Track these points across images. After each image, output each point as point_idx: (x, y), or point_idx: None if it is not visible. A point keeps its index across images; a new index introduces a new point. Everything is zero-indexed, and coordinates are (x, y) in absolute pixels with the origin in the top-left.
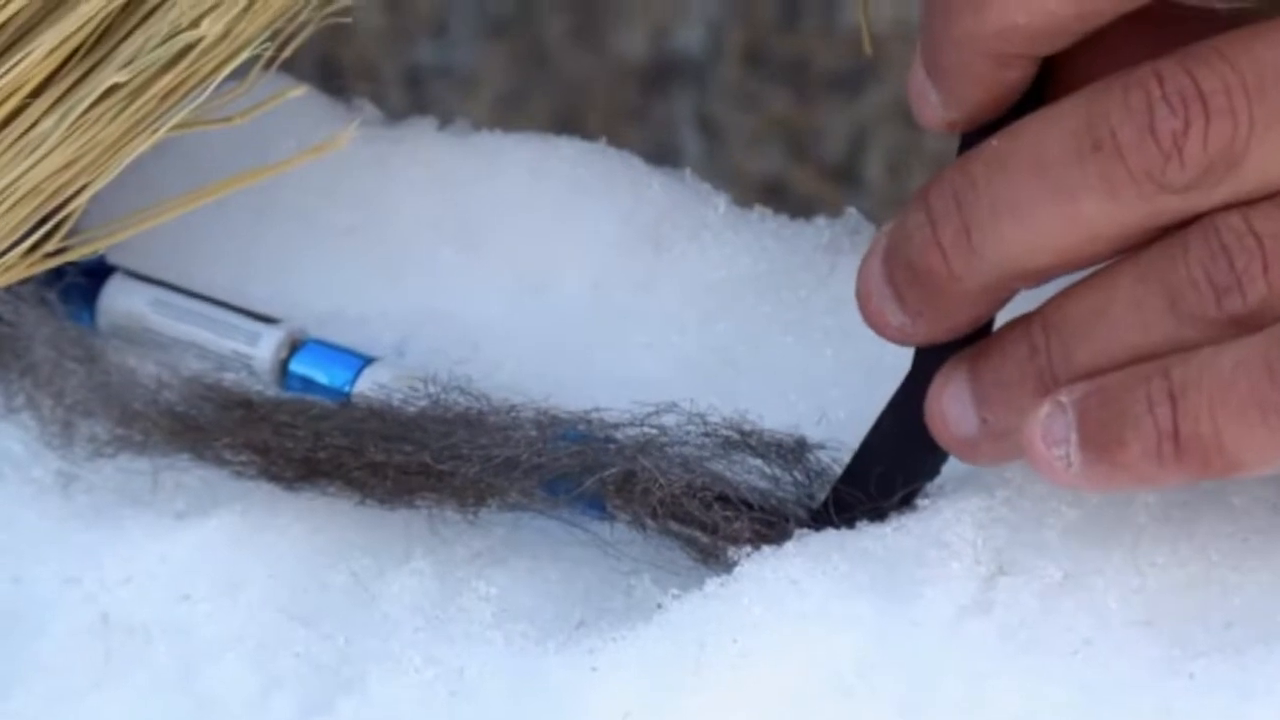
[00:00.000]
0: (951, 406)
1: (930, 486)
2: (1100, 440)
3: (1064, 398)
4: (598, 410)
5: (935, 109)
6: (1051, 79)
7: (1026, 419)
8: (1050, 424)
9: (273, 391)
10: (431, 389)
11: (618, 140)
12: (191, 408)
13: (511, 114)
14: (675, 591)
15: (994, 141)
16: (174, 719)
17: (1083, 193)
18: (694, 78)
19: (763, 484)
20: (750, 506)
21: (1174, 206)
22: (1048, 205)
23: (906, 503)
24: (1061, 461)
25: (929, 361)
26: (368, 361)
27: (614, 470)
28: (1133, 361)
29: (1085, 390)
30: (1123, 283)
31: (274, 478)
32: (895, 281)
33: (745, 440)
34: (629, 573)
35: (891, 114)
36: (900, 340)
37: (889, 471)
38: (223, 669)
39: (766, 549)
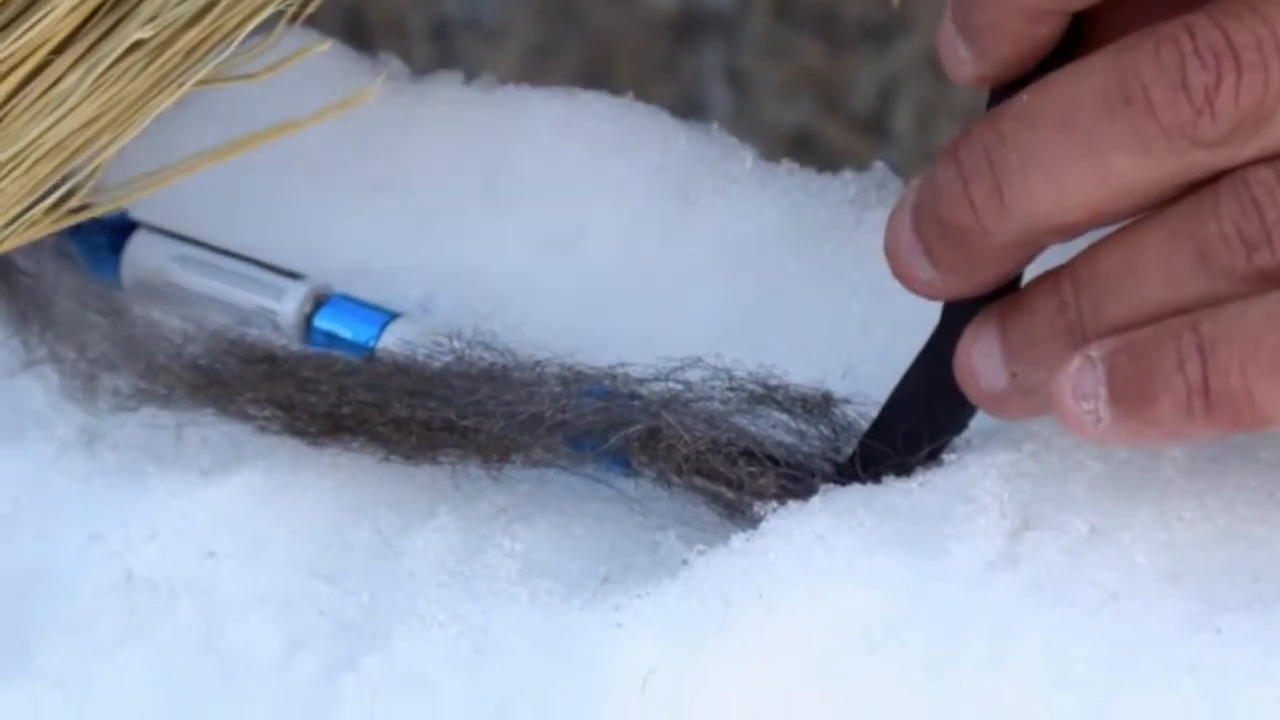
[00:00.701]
0: (981, 361)
1: (956, 441)
2: (1130, 395)
3: (1094, 353)
4: (623, 365)
5: (965, 64)
6: (1081, 34)
7: (1056, 374)
8: (1080, 378)
9: (297, 347)
10: (456, 345)
11: (646, 93)
12: (215, 362)
13: (539, 67)
14: (701, 547)
15: (1024, 97)
16: (198, 676)
17: (1113, 148)
18: (723, 30)
19: (788, 439)
20: (776, 462)
21: (1205, 161)
22: (1078, 161)
23: (933, 457)
24: (1090, 416)
25: (957, 316)
26: (392, 317)
27: (639, 427)
28: (1163, 316)
29: (1115, 345)
30: (1152, 238)
31: (298, 433)
32: (925, 237)
33: (771, 395)
34: (654, 529)
35: (920, 66)
36: (929, 295)
37: (915, 426)
38: (247, 626)
39: (792, 505)
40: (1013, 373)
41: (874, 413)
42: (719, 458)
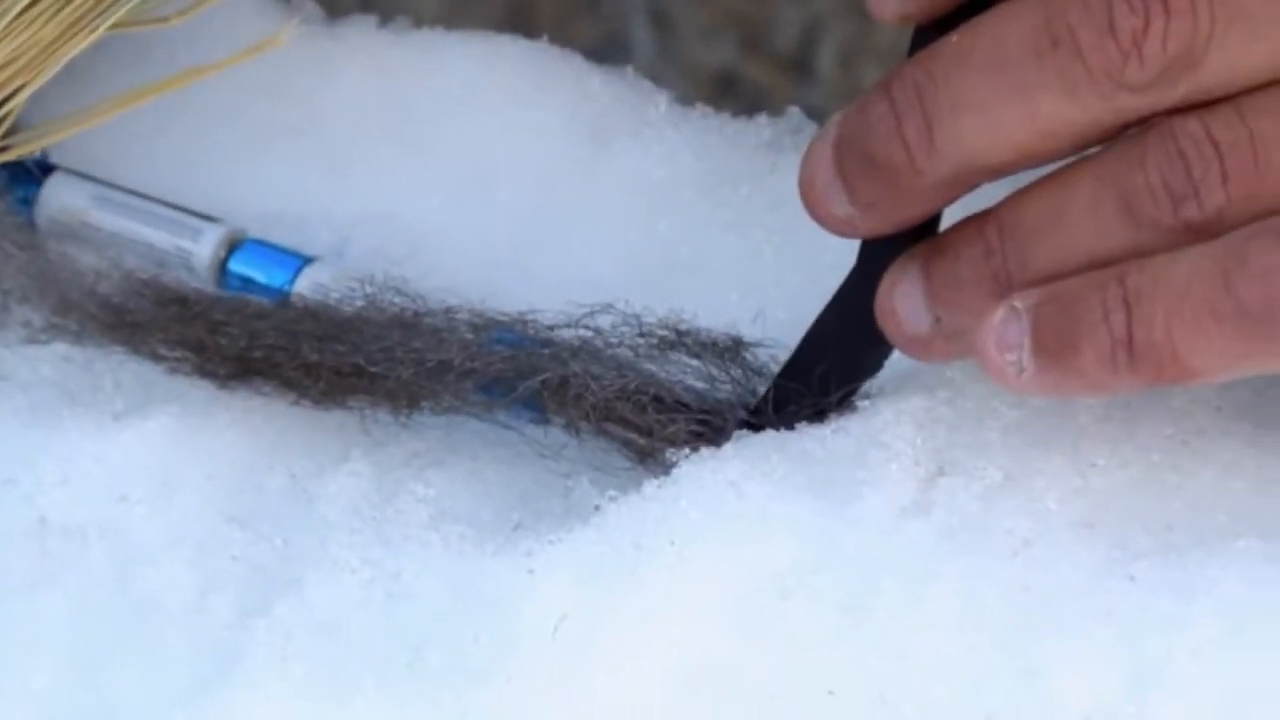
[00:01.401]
0: (904, 303)
1: (870, 386)
2: (1054, 346)
3: (1019, 303)
4: (534, 312)
5: (890, 1)
6: None
7: (980, 322)
8: (1004, 329)
9: (210, 290)
10: (368, 289)
11: (568, 32)
12: (128, 301)
13: (463, 5)
14: (613, 494)
15: (954, 38)
16: (111, 621)
17: (1041, 90)
18: None
19: (699, 384)
20: (686, 408)
21: (1132, 105)
22: (1007, 102)
23: (845, 400)
24: (1014, 367)
25: (876, 257)
26: (307, 261)
27: (547, 375)
28: (1089, 266)
29: (1040, 296)
30: (1080, 186)
31: (208, 375)
32: (847, 172)
33: (681, 340)
34: (566, 475)
35: (844, 7)
36: (844, 232)
37: (830, 368)
38: (160, 571)
39: (705, 451)
40: (936, 317)
41: (786, 357)
42: (628, 405)
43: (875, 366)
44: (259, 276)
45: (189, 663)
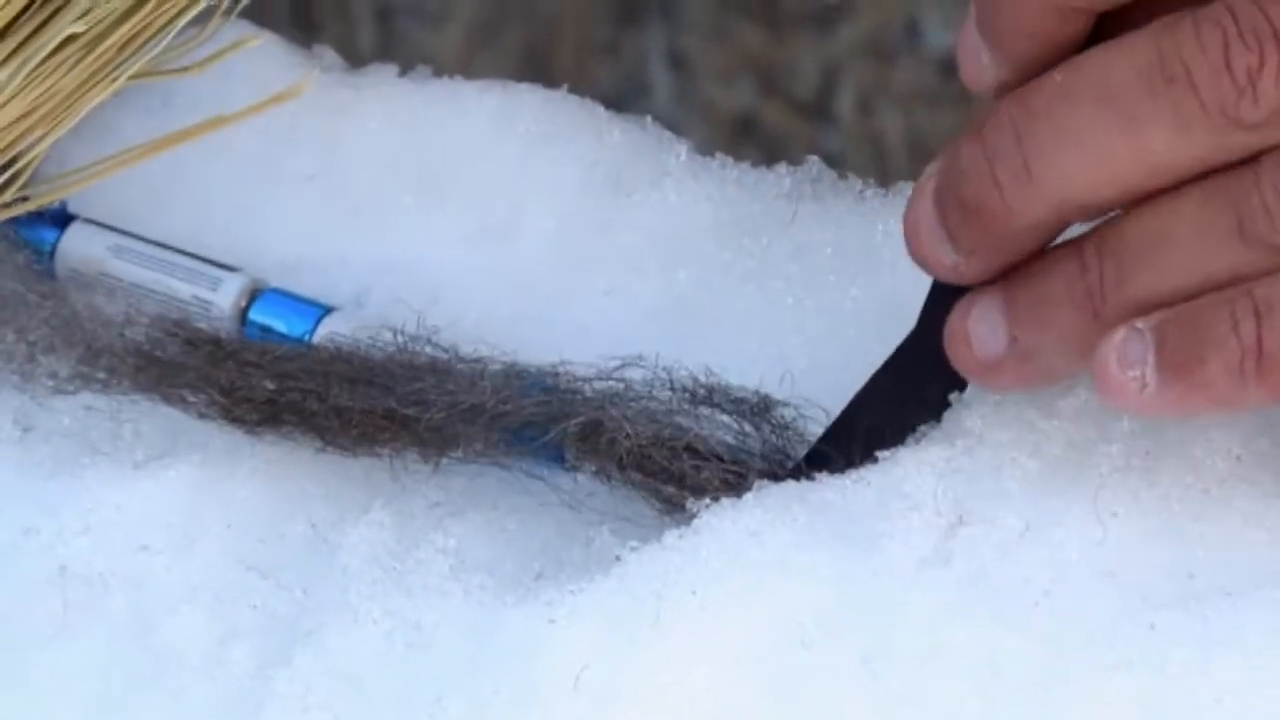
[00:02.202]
0: (979, 325)
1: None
2: (1179, 360)
3: (1140, 324)
4: (565, 363)
5: (986, 69)
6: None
7: (1100, 343)
8: (1126, 346)
9: (239, 335)
10: (399, 339)
11: (587, 75)
12: (157, 345)
13: (482, 48)
14: (634, 544)
15: (1056, 75)
16: (131, 671)
17: (1152, 125)
18: (665, 12)
19: (729, 438)
20: (719, 458)
21: (1243, 142)
22: (1115, 136)
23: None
24: (1136, 383)
25: (945, 301)
26: (327, 311)
27: (580, 419)
28: (1190, 286)
29: (1164, 316)
30: (1187, 208)
31: (236, 420)
32: (948, 220)
33: (710, 396)
34: (588, 525)
35: (863, 50)
36: (953, 279)
37: (886, 418)
38: (180, 620)
39: (726, 501)
40: (1014, 336)
41: (811, 413)
42: (661, 451)
43: (936, 411)
44: (279, 326)
45: (210, 713)
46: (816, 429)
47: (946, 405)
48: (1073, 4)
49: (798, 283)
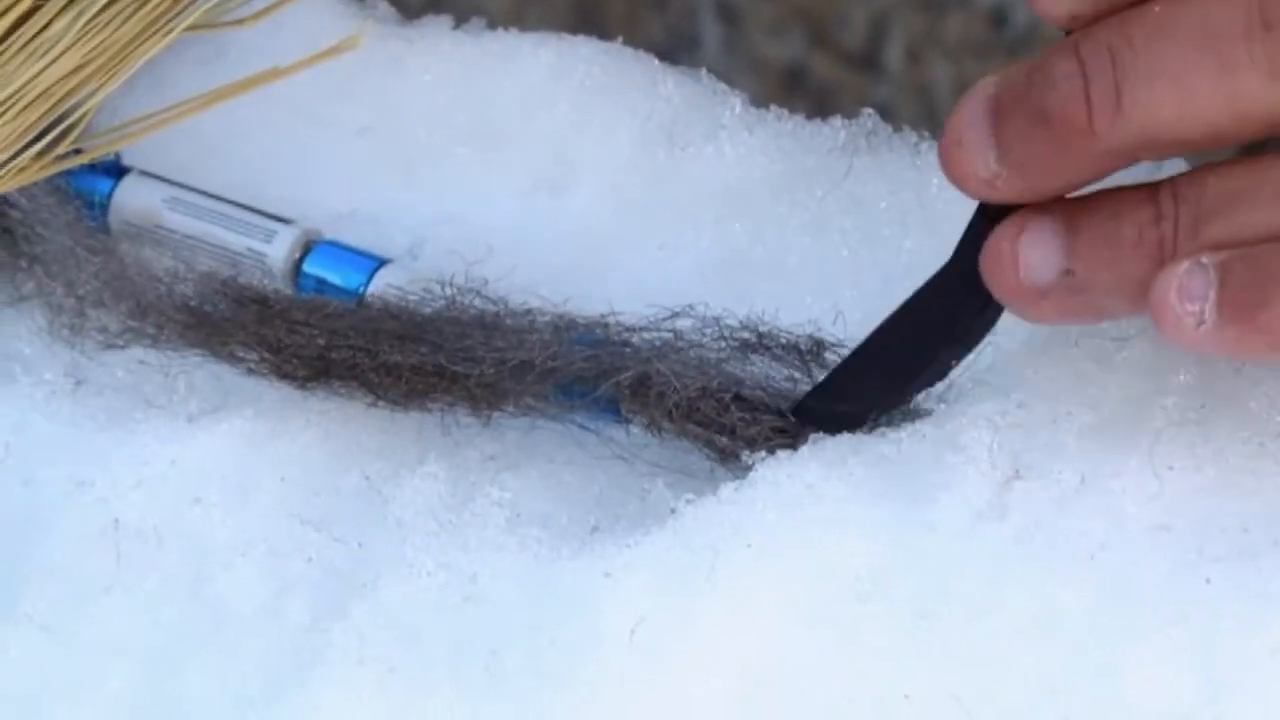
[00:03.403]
0: (1032, 249)
1: (944, 390)
2: (1241, 300)
3: (1205, 259)
4: (614, 314)
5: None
6: None
7: (1161, 273)
8: (1189, 279)
9: (288, 291)
10: (448, 291)
11: (637, 28)
12: (206, 302)
13: (530, 4)
14: (689, 496)
15: (1156, 7)
16: (185, 624)
17: (1247, 69)
18: None
19: (781, 386)
20: (769, 409)
21: None
22: (1208, 77)
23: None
24: (1193, 319)
25: (986, 234)
26: (381, 263)
27: (629, 373)
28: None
29: (1230, 254)
30: (1274, 170)
31: (286, 376)
32: (1005, 129)
33: (761, 342)
34: (643, 477)
35: (912, 1)
36: (979, 193)
37: (903, 354)
38: (234, 574)
39: (781, 454)
40: (1069, 269)
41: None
42: (710, 404)
43: (965, 344)
44: (333, 278)
45: (264, 666)
46: None
47: (978, 337)
48: None
49: (852, 236)
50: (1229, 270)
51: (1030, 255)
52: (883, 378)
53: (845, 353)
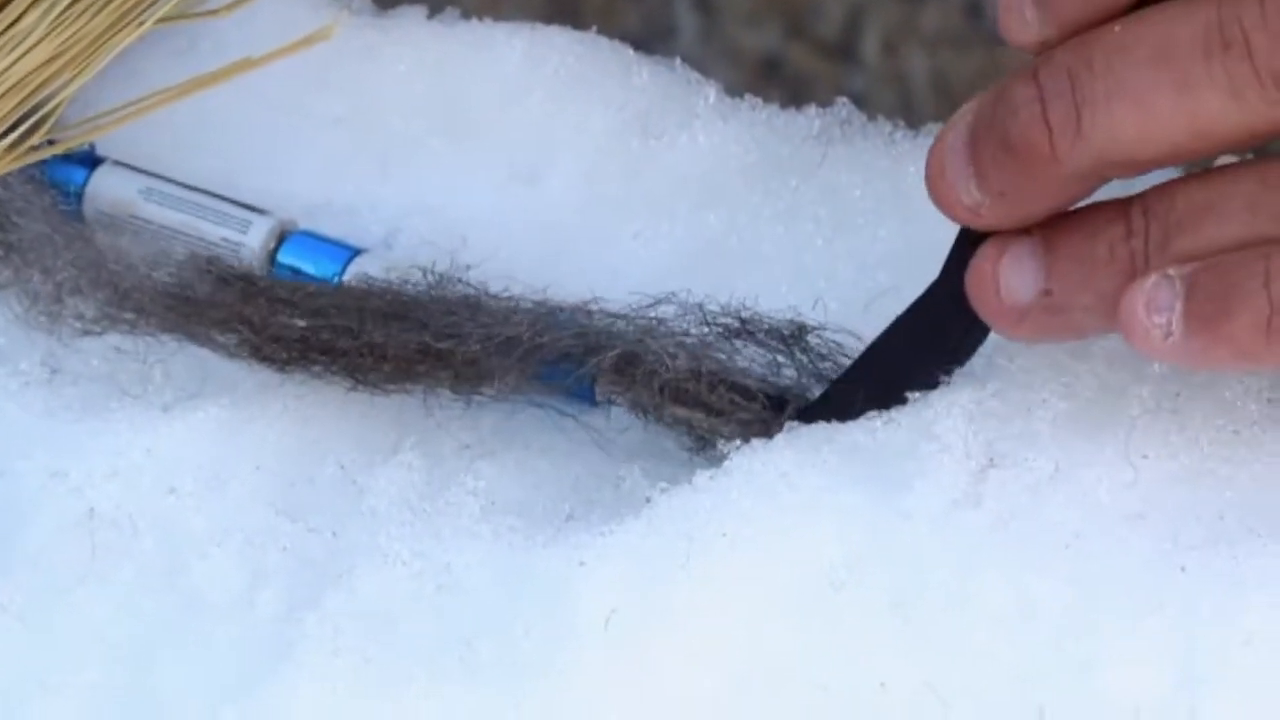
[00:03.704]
0: (1011, 272)
1: None
2: (1207, 311)
3: (1172, 271)
4: (596, 300)
5: (1029, 26)
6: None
7: (1125, 289)
8: (1156, 292)
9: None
10: (429, 278)
11: (613, 18)
12: (188, 282)
13: None
14: (664, 485)
15: (1115, 28)
16: (160, 613)
17: (1206, 88)
18: None
19: (763, 371)
20: (755, 394)
21: None
22: (1168, 96)
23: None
24: (1161, 331)
25: (972, 249)
26: (356, 252)
27: (617, 350)
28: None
29: (1196, 266)
30: (1242, 183)
31: (265, 359)
32: (980, 158)
33: (744, 327)
34: (618, 465)
35: None
36: (968, 221)
37: (897, 369)
38: (209, 563)
39: (756, 442)
40: (1047, 290)
41: (845, 340)
42: (700, 385)
43: (956, 358)
44: (308, 268)
45: (238, 656)
46: (849, 357)
47: (968, 353)
48: None
49: (827, 225)
50: (1195, 282)
51: (1010, 277)
52: (877, 391)
53: (827, 336)
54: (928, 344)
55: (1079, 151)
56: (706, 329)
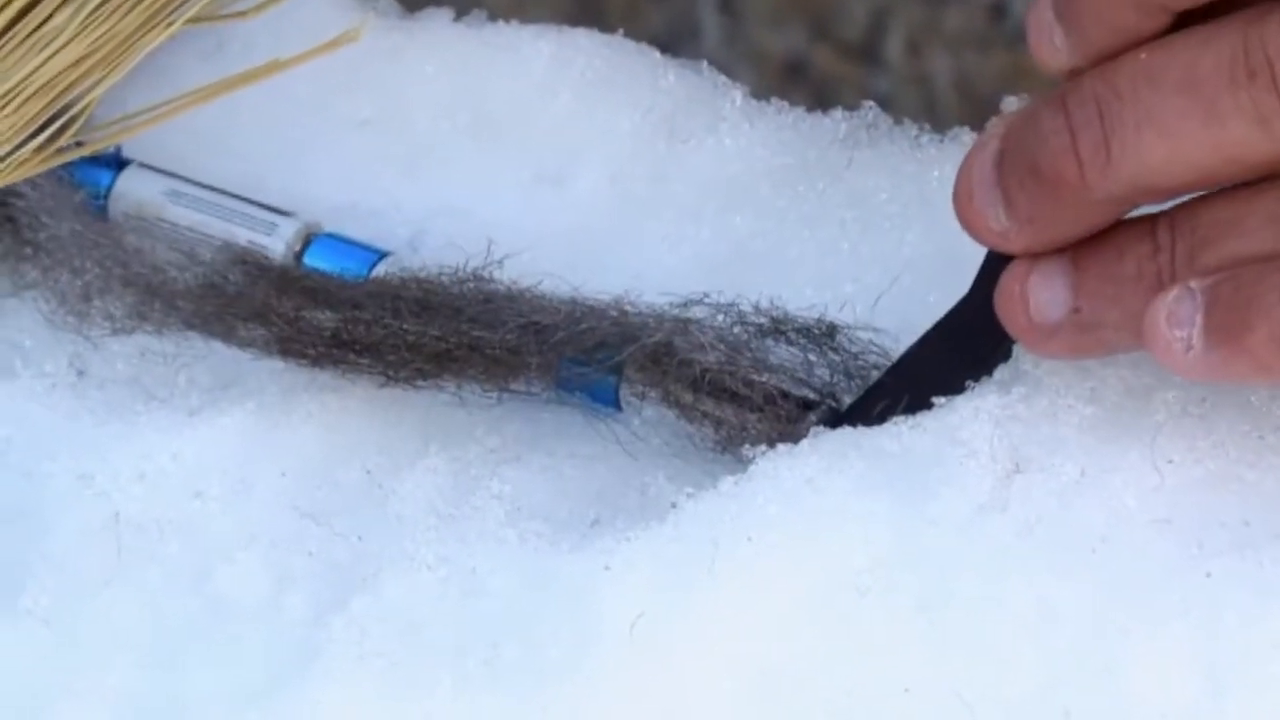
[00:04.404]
0: (1040, 290)
1: None
2: (1226, 324)
3: (1194, 284)
4: (628, 298)
5: (1058, 51)
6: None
7: (1149, 304)
8: (1177, 305)
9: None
10: (460, 275)
11: (638, 20)
12: (222, 274)
13: None
14: (690, 490)
15: (1142, 55)
16: (186, 617)
17: (1233, 117)
18: None
19: (796, 370)
20: (784, 391)
21: None
22: (1196, 124)
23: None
24: (1182, 344)
25: (1003, 266)
26: (382, 255)
27: (655, 339)
28: None
29: (1217, 278)
30: (1265, 199)
31: (295, 355)
32: (1008, 185)
33: (777, 327)
34: (643, 471)
35: None
36: (997, 246)
37: (927, 382)
38: (235, 567)
39: (782, 447)
40: (1076, 307)
41: (876, 339)
42: (735, 379)
43: (986, 372)
44: (334, 270)
45: (264, 660)
46: (880, 353)
47: (993, 366)
48: (1157, 1)
49: (853, 229)
50: (1215, 295)
51: (1039, 295)
52: (908, 400)
53: (858, 335)
54: (957, 359)
55: (1108, 180)
56: (739, 327)
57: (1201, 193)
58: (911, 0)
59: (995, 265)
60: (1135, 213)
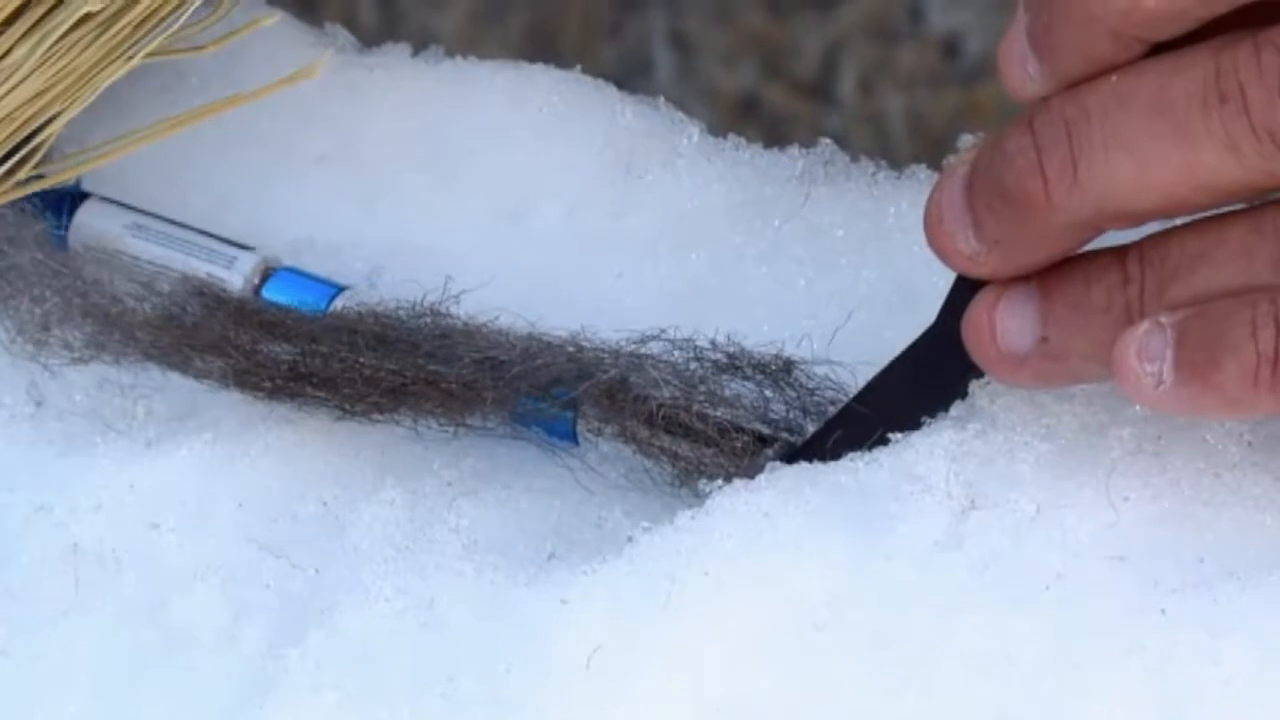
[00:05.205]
0: (1008, 320)
1: None
2: (1196, 359)
3: (1164, 319)
4: (586, 332)
5: (1030, 81)
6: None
7: (1117, 338)
8: (1147, 339)
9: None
10: (419, 308)
11: (591, 56)
12: (179, 308)
13: (485, 30)
14: (646, 524)
15: (1114, 78)
16: (143, 649)
17: (1204, 142)
18: None
19: (751, 406)
20: (740, 427)
21: None
22: (1165, 145)
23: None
24: (1152, 379)
25: (969, 295)
26: (339, 290)
27: (610, 375)
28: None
29: (1188, 313)
30: (1235, 230)
31: (252, 387)
32: (977, 207)
33: (733, 362)
34: (600, 505)
35: (864, 31)
36: (966, 270)
37: (892, 411)
38: (192, 599)
39: (738, 482)
40: (1044, 337)
41: (833, 374)
42: (690, 415)
43: (951, 402)
44: (292, 304)
45: (221, 691)
46: (837, 389)
47: (956, 397)
48: (1133, 32)
49: (809, 265)
50: (1184, 330)
51: (1007, 324)
52: (870, 435)
53: (814, 371)
54: (923, 388)
55: (1075, 200)
56: (696, 363)
57: (1171, 223)
58: (864, 38)
59: (960, 297)
60: (1105, 243)
